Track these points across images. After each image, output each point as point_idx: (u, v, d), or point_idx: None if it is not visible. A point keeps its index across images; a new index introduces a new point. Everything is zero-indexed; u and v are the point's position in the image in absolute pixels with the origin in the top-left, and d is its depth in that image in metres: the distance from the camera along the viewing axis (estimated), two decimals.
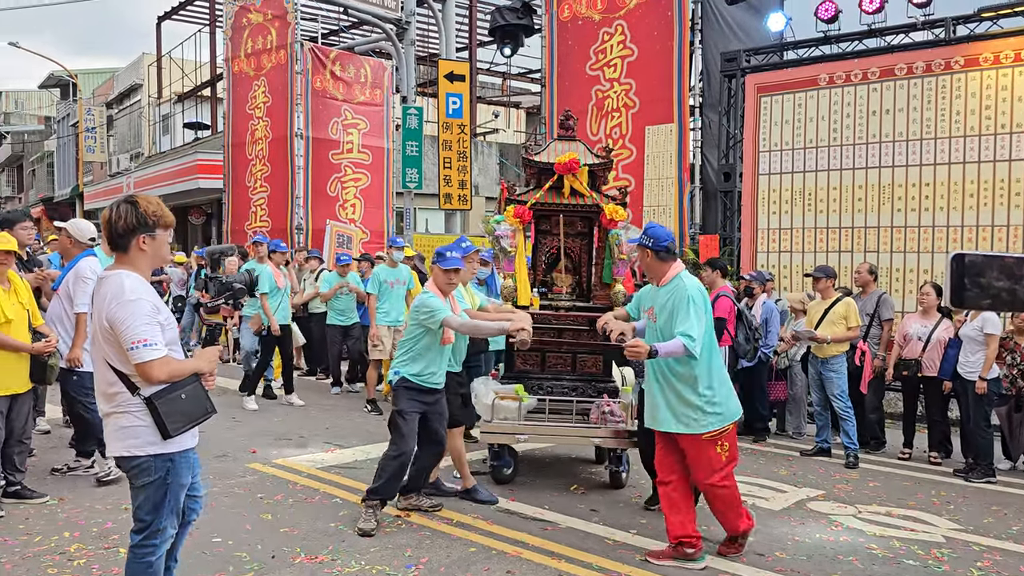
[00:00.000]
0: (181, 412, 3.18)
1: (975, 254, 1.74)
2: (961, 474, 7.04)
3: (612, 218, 6.17)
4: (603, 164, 6.48)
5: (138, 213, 3.19)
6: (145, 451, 3.17)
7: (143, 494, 3.24)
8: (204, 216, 23.85)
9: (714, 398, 4.62)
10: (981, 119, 8.67)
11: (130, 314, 3.07)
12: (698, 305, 4.53)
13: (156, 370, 3.09)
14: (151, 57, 28.14)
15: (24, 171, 47.85)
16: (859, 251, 9.41)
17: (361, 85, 15.78)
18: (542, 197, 6.40)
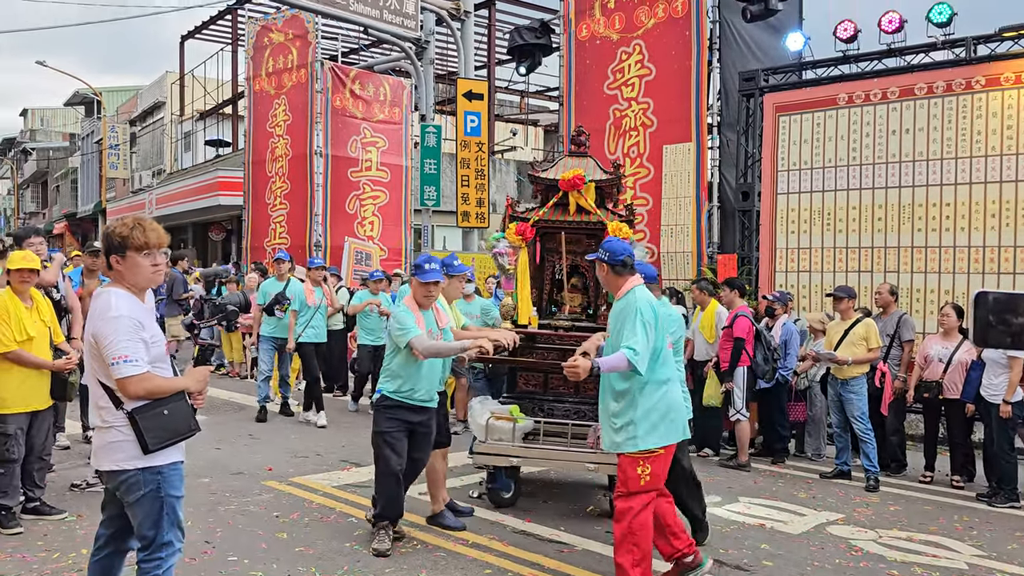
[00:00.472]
0: (163, 427, 3.22)
1: (999, 293, 1.73)
2: (984, 499, 6.93)
3: (615, 235, 5.91)
4: (610, 180, 6.31)
5: (107, 236, 3.35)
6: (132, 464, 3.22)
7: (140, 510, 3.27)
8: (224, 232, 24.06)
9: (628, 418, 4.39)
10: (1003, 139, 8.59)
11: (112, 330, 3.16)
12: (646, 319, 4.35)
13: (134, 385, 3.15)
14: (174, 75, 28.52)
15: (48, 187, 48.56)
16: (879, 271, 9.33)
17: (380, 103, 15.90)
18: (547, 214, 6.29)
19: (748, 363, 7.82)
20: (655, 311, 4.46)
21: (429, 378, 5.23)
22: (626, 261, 4.57)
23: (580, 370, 4.31)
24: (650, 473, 4.39)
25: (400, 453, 5.18)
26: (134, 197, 29.08)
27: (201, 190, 21.36)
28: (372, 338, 9.90)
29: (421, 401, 5.23)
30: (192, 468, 6.96)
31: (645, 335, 4.32)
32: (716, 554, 5.29)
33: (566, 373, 4.43)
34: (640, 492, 4.39)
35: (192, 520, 5.56)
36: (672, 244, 11.05)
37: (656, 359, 4.44)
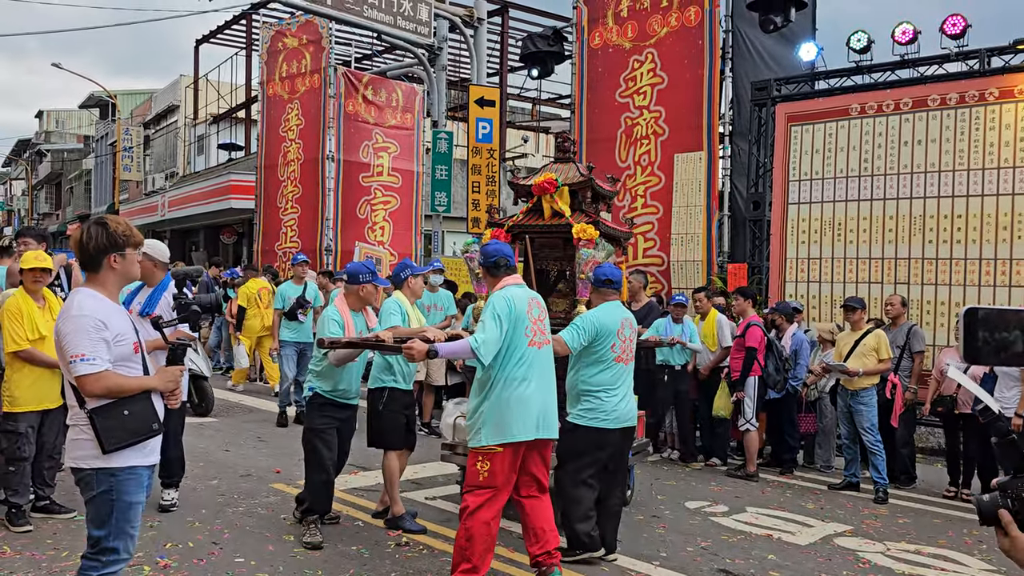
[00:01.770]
0: (121, 428, 3.19)
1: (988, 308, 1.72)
2: None
3: (579, 237, 5.87)
4: (582, 183, 6.19)
5: (109, 233, 3.29)
6: (88, 464, 3.21)
7: (91, 509, 3.29)
8: (235, 236, 24.16)
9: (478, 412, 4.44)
10: (1016, 151, 8.56)
11: (72, 329, 3.16)
12: (498, 312, 4.35)
13: (91, 384, 3.14)
14: (188, 79, 28.71)
15: (62, 188, 48.92)
16: (889, 282, 9.30)
17: (392, 109, 15.97)
18: (521, 219, 6.28)
19: (759, 373, 7.81)
20: (511, 307, 4.41)
21: (353, 377, 5.49)
22: (499, 262, 4.64)
23: (415, 352, 4.38)
24: (488, 470, 4.37)
25: (332, 449, 5.41)
26: (147, 199, 29.26)
27: (213, 193, 21.47)
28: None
29: (348, 399, 5.50)
30: (201, 470, 7.02)
31: (495, 327, 4.32)
32: (723, 564, 5.28)
33: (403, 355, 4.57)
34: (477, 487, 4.39)
35: (200, 521, 5.59)
36: (682, 253, 11.04)
37: (511, 356, 4.42)
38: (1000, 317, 1.70)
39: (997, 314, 1.71)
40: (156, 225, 27.54)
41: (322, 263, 14.79)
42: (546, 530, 4.58)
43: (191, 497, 6.18)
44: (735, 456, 8.57)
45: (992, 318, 1.70)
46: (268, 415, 9.76)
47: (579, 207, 6.22)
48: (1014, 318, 1.69)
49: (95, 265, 3.30)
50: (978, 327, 1.70)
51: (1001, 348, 1.69)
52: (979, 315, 1.70)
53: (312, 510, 5.35)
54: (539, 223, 6.22)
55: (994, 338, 1.69)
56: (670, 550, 5.51)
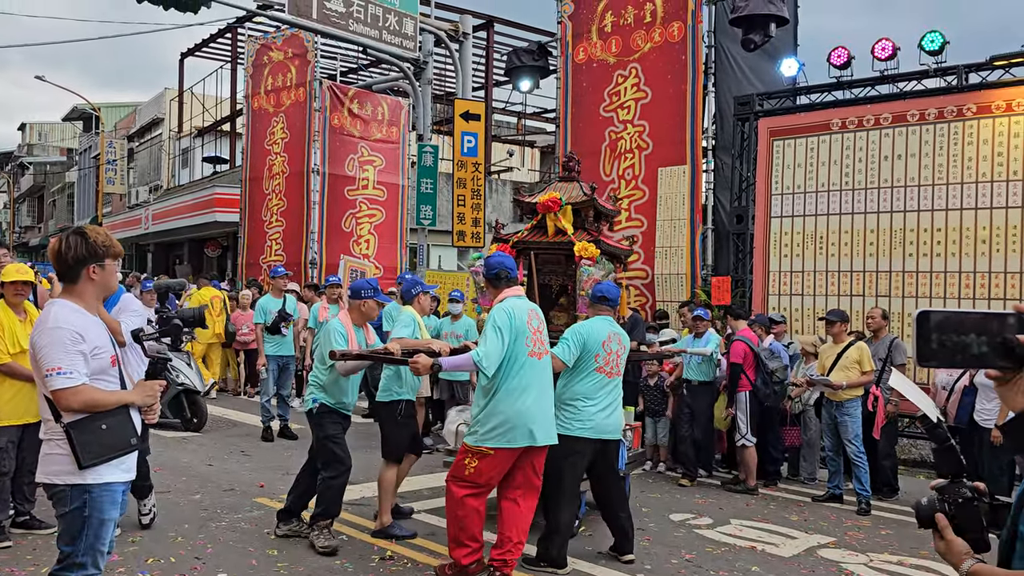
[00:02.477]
0: (99, 443, 3.13)
1: (941, 311, 1.74)
2: None
3: (580, 255, 6.16)
4: (585, 202, 6.45)
5: (88, 244, 3.21)
6: (63, 480, 3.15)
7: (63, 524, 3.22)
8: (220, 249, 24.07)
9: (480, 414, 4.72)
10: (993, 166, 8.69)
11: (48, 342, 3.09)
12: (499, 324, 4.62)
13: (67, 399, 3.08)
14: (173, 92, 28.66)
15: (45, 201, 48.59)
16: (870, 295, 9.39)
17: (378, 123, 16.01)
18: (525, 235, 6.56)
19: (749, 388, 7.83)
20: (512, 319, 4.67)
21: (352, 389, 5.64)
22: (500, 274, 4.89)
23: (420, 365, 4.72)
24: (475, 468, 4.69)
25: (347, 454, 5.55)
26: (130, 212, 29.11)
27: (198, 206, 21.40)
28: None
29: (348, 411, 5.66)
30: (184, 484, 6.97)
31: (496, 339, 4.60)
32: (707, 575, 5.30)
33: (410, 368, 4.86)
34: (461, 480, 4.72)
35: (182, 536, 5.55)
36: (666, 266, 11.10)
37: (512, 366, 4.67)
38: (953, 320, 1.72)
39: (950, 317, 1.73)
40: (140, 238, 27.41)
41: (307, 276, 14.76)
42: (512, 539, 4.76)
43: (174, 512, 6.14)
44: (719, 467, 8.60)
45: (945, 321, 1.72)
46: (252, 429, 9.71)
47: (581, 225, 6.47)
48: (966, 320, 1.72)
49: (73, 276, 3.23)
50: (932, 330, 1.72)
51: (957, 351, 1.72)
52: (931, 318, 1.72)
53: (328, 514, 5.44)
54: (543, 240, 6.47)
55: (951, 340, 1.72)
56: (654, 562, 5.52)
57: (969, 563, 1.82)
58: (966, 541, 1.83)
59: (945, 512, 1.86)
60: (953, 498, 1.86)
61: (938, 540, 1.88)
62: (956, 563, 1.85)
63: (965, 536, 1.84)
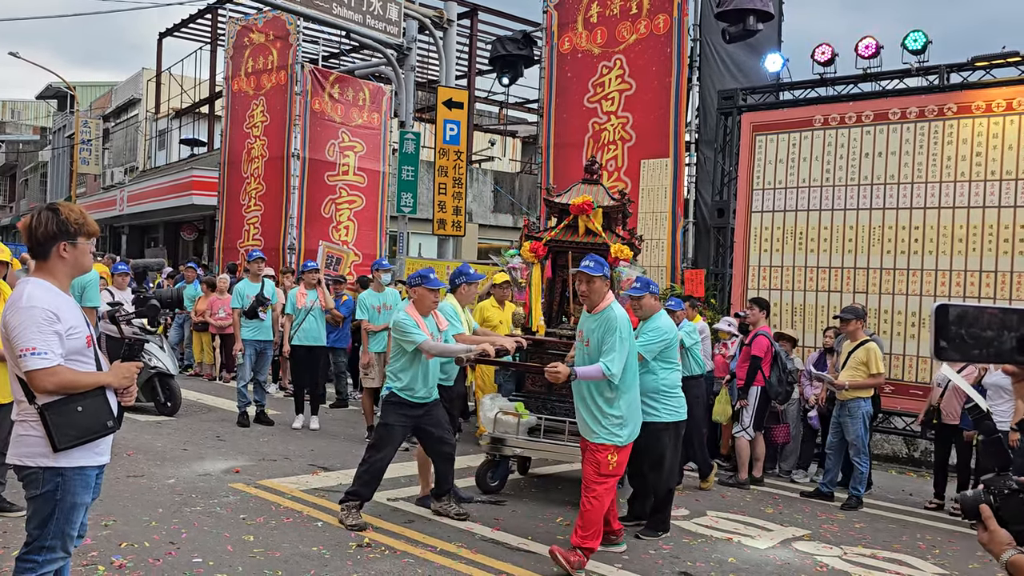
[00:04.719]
0: (74, 425, 3.06)
1: (959, 305, 1.74)
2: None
3: (617, 256, 6.67)
4: (616, 207, 6.97)
5: (59, 220, 3.11)
6: (36, 462, 3.08)
7: (32, 506, 3.15)
8: (196, 232, 23.81)
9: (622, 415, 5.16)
10: (972, 165, 8.77)
11: (21, 321, 3.00)
12: (624, 338, 5.05)
13: (42, 379, 3.00)
14: (151, 72, 28.23)
15: (16, 180, 47.75)
16: (848, 291, 9.47)
17: (359, 108, 15.88)
18: (558, 234, 7.00)
19: (762, 383, 7.84)
20: (630, 327, 5.16)
21: (426, 379, 5.79)
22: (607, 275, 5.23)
23: (561, 374, 5.09)
24: (617, 461, 5.16)
25: (396, 445, 5.79)
26: (105, 193, 28.70)
27: (174, 189, 21.14)
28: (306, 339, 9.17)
29: (420, 399, 5.78)
30: (158, 469, 6.89)
31: (621, 351, 5.02)
32: (683, 566, 5.32)
33: (547, 376, 5.20)
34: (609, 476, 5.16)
35: (156, 521, 5.48)
36: (648, 259, 11.11)
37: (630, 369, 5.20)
38: (972, 314, 1.72)
39: (968, 311, 1.73)
40: (114, 220, 27.03)
41: (285, 261, 14.64)
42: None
43: (147, 496, 6.07)
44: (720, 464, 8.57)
45: (963, 315, 1.72)
46: (227, 414, 9.62)
47: (610, 227, 6.95)
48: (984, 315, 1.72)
49: (44, 253, 3.13)
50: (950, 324, 1.72)
51: (975, 346, 1.71)
52: (951, 312, 1.72)
53: (359, 495, 5.67)
54: (575, 239, 6.92)
55: (969, 335, 1.71)
56: (631, 552, 5.54)
57: (1010, 553, 1.84)
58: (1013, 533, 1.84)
59: (990, 504, 1.87)
60: (999, 490, 1.86)
61: (981, 531, 1.89)
62: (997, 553, 1.87)
63: (1008, 528, 1.85)
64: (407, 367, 5.69)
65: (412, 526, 5.76)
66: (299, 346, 9.12)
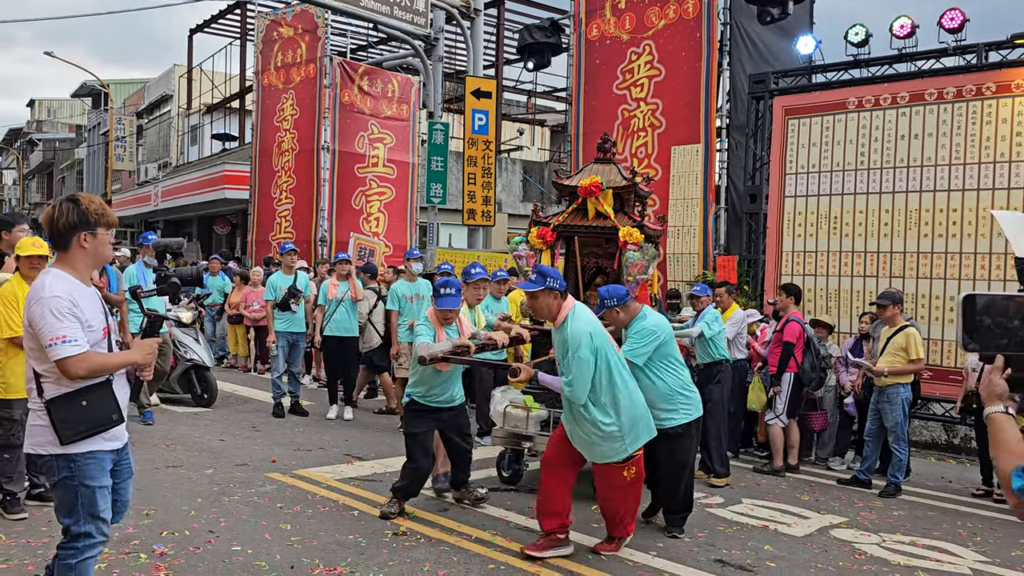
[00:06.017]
0: (79, 419, 3.13)
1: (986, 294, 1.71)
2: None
3: (626, 240, 6.26)
4: (627, 187, 6.50)
5: (80, 211, 3.19)
6: (47, 450, 3.16)
7: (56, 495, 3.25)
8: (229, 226, 24.08)
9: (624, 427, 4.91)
10: (1012, 145, 8.58)
11: (46, 311, 3.06)
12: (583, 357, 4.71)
13: (74, 366, 3.06)
14: (182, 68, 28.56)
15: (54, 178, 48.66)
16: (884, 276, 9.32)
17: (388, 100, 15.92)
18: (567, 219, 6.60)
19: (795, 369, 7.77)
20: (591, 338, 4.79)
21: (444, 384, 5.72)
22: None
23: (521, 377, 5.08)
24: (635, 471, 5.06)
25: (428, 452, 5.73)
26: (139, 189, 29.11)
27: (207, 183, 21.39)
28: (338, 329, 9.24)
29: (442, 404, 5.75)
30: (197, 459, 7.00)
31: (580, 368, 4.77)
32: (719, 554, 5.29)
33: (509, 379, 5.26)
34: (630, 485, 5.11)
35: (196, 510, 5.57)
36: (679, 245, 11.05)
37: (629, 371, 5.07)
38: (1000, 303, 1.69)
39: (997, 300, 1.70)
40: (149, 215, 27.44)
41: (317, 253, 14.75)
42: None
43: (186, 485, 6.16)
44: (756, 452, 8.51)
45: (994, 305, 1.69)
46: (263, 405, 9.74)
47: (621, 208, 6.53)
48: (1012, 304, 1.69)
49: (64, 243, 3.21)
50: (977, 314, 1.69)
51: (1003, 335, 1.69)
52: (979, 301, 1.69)
53: (402, 490, 5.70)
54: (584, 223, 6.53)
55: (997, 324, 1.69)
56: (667, 540, 5.51)
57: (994, 408, 1.90)
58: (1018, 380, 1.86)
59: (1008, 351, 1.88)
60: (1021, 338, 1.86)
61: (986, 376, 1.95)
62: (986, 403, 1.94)
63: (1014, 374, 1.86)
64: (425, 373, 5.62)
65: (447, 514, 5.79)
66: (331, 337, 9.19)
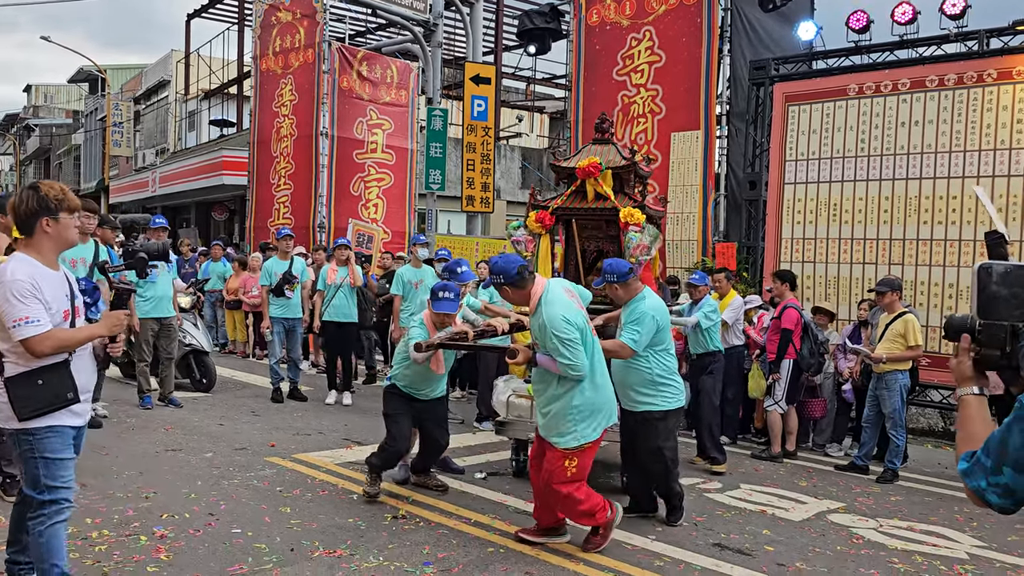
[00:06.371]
0: (34, 397, 3.27)
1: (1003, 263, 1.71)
2: None
3: (627, 221, 6.08)
4: (626, 166, 6.34)
5: (39, 197, 3.33)
6: (9, 425, 3.32)
7: (22, 467, 3.41)
8: (227, 212, 24.01)
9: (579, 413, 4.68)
10: (1012, 132, 8.57)
11: (8, 294, 3.20)
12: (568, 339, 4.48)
13: (38, 344, 3.21)
14: (179, 54, 28.40)
15: (51, 164, 48.47)
16: (883, 263, 9.32)
17: (387, 86, 15.85)
18: (565, 201, 6.43)
19: (794, 356, 7.78)
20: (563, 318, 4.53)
21: (430, 383, 5.73)
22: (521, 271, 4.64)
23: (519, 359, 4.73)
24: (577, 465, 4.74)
25: (403, 435, 5.67)
26: (137, 175, 29.02)
27: (205, 169, 21.32)
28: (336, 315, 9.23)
29: (423, 397, 5.78)
30: (196, 443, 7.00)
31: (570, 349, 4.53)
32: (717, 538, 5.31)
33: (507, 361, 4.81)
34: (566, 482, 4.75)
35: (195, 493, 5.58)
36: (678, 232, 11.04)
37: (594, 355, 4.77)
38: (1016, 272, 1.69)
39: (1013, 269, 1.69)
40: (147, 201, 27.35)
41: (315, 239, 14.73)
42: None
43: (186, 469, 6.17)
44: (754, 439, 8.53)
45: (1010, 274, 1.69)
46: (261, 390, 9.75)
47: (622, 189, 6.34)
48: None
49: (28, 229, 3.35)
50: (993, 283, 1.68)
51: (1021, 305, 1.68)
52: (995, 270, 1.69)
53: (375, 467, 5.69)
54: (583, 206, 6.34)
55: (1013, 294, 1.68)
56: (665, 524, 5.53)
57: (966, 390, 1.91)
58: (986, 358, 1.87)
59: (973, 330, 1.88)
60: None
61: (953, 357, 1.95)
62: (958, 384, 1.95)
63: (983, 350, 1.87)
64: (409, 369, 5.60)
65: (446, 498, 5.80)
66: (329, 322, 9.19)
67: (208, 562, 4.36)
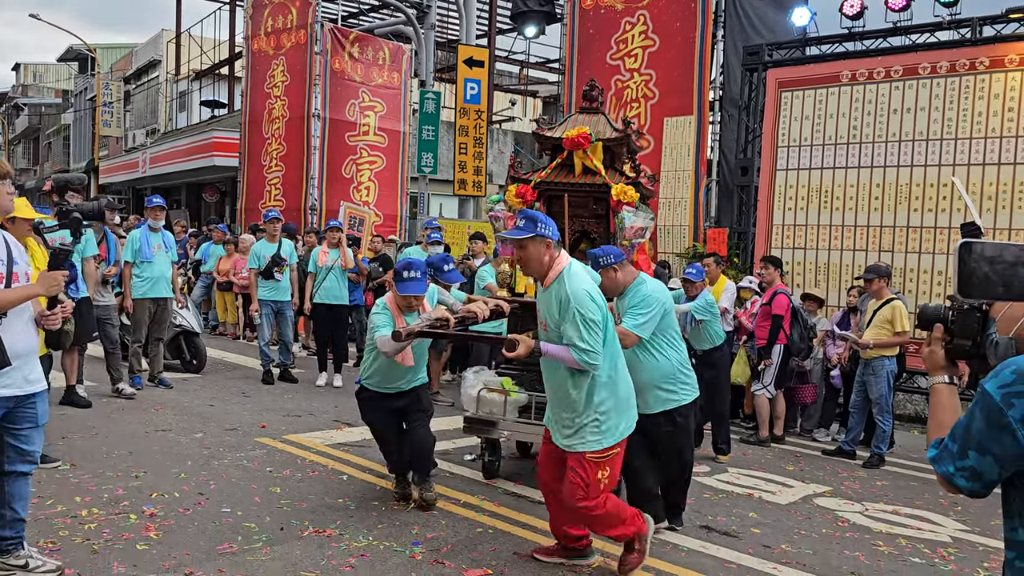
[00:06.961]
0: None
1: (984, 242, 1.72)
2: None
3: (619, 199, 5.54)
4: (618, 139, 5.79)
5: None
6: None
7: None
8: (218, 194, 23.89)
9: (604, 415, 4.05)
10: (1003, 121, 8.59)
11: None
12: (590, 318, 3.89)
13: None
14: (170, 34, 28.17)
15: (40, 143, 48.10)
16: (873, 250, 9.37)
17: (379, 68, 15.77)
18: (549, 175, 5.83)
19: (785, 341, 7.81)
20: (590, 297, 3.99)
21: (401, 371, 5.14)
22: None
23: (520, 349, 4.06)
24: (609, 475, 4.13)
25: (388, 438, 5.32)
26: (127, 156, 28.83)
27: (196, 150, 21.19)
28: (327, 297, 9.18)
29: (397, 389, 5.24)
30: (186, 423, 7.01)
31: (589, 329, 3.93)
32: (705, 520, 5.36)
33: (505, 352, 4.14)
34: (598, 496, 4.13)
35: (185, 473, 5.59)
36: (670, 217, 11.06)
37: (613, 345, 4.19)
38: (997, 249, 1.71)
39: (994, 247, 1.71)
40: (137, 182, 27.20)
41: (307, 222, 14.69)
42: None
43: (176, 449, 6.18)
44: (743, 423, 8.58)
45: (988, 252, 1.71)
46: (251, 372, 9.75)
47: (612, 164, 5.79)
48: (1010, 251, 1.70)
49: None
50: (975, 261, 1.70)
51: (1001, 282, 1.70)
52: (975, 249, 1.71)
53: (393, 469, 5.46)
54: (570, 180, 5.73)
55: (995, 272, 1.70)
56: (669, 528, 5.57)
57: (937, 379, 1.93)
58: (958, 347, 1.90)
59: (946, 320, 1.91)
60: (959, 305, 1.90)
61: (925, 346, 1.97)
62: (929, 372, 1.96)
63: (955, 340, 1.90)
64: (376, 362, 5.12)
65: (435, 479, 5.82)
66: (320, 304, 9.18)
67: (198, 540, 4.38)
